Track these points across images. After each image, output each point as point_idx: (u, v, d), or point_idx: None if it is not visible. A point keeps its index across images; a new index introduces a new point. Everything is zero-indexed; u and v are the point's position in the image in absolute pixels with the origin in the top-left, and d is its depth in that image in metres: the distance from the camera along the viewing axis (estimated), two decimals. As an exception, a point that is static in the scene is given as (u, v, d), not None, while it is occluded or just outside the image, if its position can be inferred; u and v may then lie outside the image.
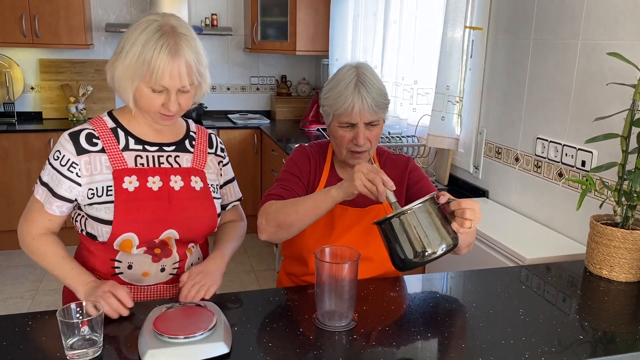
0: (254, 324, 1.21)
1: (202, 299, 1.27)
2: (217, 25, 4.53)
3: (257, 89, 4.89)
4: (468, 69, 2.53)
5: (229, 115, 4.73)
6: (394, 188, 1.24)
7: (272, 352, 1.09)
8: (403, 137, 2.94)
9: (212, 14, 4.53)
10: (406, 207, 1.18)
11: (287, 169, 1.57)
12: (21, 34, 3.91)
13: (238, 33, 4.68)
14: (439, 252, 1.20)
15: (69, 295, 1.39)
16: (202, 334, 1.06)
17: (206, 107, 4.57)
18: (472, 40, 2.51)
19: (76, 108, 4.29)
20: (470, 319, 1.25)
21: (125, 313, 1.20)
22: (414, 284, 1.48)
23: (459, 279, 1.51)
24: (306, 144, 1.64)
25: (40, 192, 1.35)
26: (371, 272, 1.51)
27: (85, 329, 1.05)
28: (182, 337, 1.05)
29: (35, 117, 4.37)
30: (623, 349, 1.15)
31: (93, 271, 1.39)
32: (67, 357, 1.03)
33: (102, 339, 1.06)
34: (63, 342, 1.03)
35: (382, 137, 2.83)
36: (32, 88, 4.36)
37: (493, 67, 2.44)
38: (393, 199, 1.23)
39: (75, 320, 1.05)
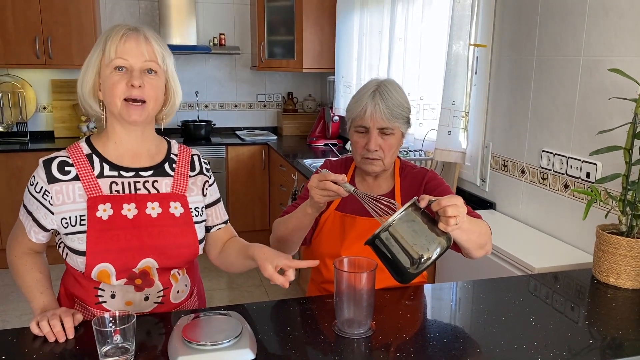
0: (276, 331, 1.26)
1: (227, 308, 1.32)
2: (224, 45, 4.63)
3: (264, 105, 4.98)
4: (473, 85, 2.60)
5: (237, 132, 4.81)
6: (346, 180, 1.31)
7: (295, 358, 1.14)
8: (410, 151, 3.00)
9: (220, 34, 4.63)
10: (390, 220, 1.19)
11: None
12: (35, 56, 4.01)
13: (245, 52, 4.78)
14: (434, 255, 1.20)
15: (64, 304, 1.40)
16: (229, 341, 1.11)
17: (214, 125, 4.65)
18: (477, 57, 2.58)
19: (87, 127, 4.38)
20: (484, 326, 1.30)
21: (62, 339, 1.19)
22: (427, 293, 1.53)
23: (470, 287, 1.56)
24: (333, 159, 1.74)
25: (22, 214, 1.36)
26: (383, 282, 1.55)
27: (117, 338, 1.10)
28: (210, 344, 1.10)
29: (48, 136, 4.46)
30: (631, 353, 1.19)
31: (79, 299, 1.37)
32: (102, 364, 1.09)
33: (134, 347, 1.11)
34: (98, 349, 1.09)
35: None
36: (44, 108, 4.46)
37: (498, 83, 2.51)
38: (351, 187, 1.31)
39: (108, 329, 1.10)
